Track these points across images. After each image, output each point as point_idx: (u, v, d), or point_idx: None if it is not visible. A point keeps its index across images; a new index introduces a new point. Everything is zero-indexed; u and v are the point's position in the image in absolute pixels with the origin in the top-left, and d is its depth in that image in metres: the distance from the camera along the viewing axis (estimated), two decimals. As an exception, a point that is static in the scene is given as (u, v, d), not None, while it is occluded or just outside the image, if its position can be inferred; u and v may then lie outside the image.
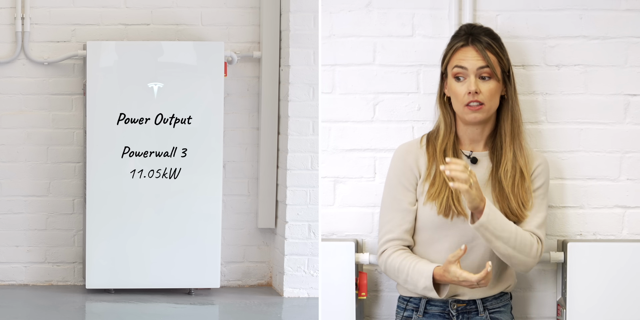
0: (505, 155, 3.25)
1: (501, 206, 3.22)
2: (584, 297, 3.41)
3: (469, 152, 3.30)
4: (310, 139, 5.24)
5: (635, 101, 3.51)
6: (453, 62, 3.23)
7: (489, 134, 3.29)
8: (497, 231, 3.12)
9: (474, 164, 3.28)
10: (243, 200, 5.53)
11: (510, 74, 3.26)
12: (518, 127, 3.28)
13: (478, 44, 3.21)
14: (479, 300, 3.27)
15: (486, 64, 3.20)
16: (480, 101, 3.20)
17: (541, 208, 3.28)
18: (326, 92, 3.55)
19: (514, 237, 3.15)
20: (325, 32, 3.54)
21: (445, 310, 3.27)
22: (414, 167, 3.29)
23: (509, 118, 3.27)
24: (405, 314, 3.32)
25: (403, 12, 3.53)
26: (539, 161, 3.30)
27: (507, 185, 3.23)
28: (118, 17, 5.42)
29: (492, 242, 3.14)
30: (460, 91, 3.21)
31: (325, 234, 3.55)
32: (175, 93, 5.18)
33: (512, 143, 3.26)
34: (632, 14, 3.50)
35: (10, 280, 5.52)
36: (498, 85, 3.22)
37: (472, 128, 3.27)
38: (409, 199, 3.28)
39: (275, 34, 5.38)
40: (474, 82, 3.19)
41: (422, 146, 3.31)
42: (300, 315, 4.93)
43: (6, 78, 5.42)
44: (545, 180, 3.30)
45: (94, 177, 5.18)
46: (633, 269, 3.40)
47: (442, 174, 3.23)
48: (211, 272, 5.24)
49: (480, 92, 3.19)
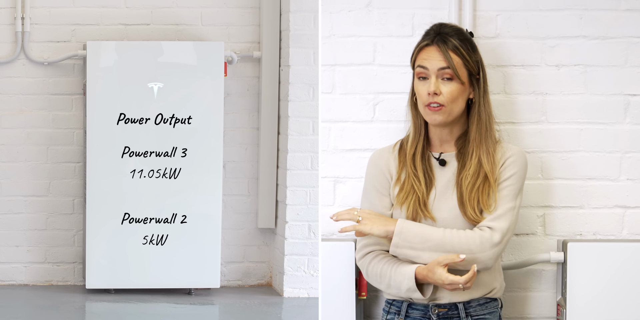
0: (471, 160, 3.20)
1: (461, 210, 3.19)
2: (584, 297, 3.41)
3: (438, 154, 3.27)
4: (310, 139, 5.24)
5: (635, 101, 3.51)
6: (417, 61, 3.20)
7: (459, 133, 3.25)
8: (418, 244, 3.10)
9: (443, 166, 3.25)
10: (243, 200, 5.53)
11: (480, 77, 3.20)
12: (486, 131, 3.21)
13: (442, 45, 3.15)
14: (461, 304, 3.22)
15: (447, 65, 3.14)
16: (440, 102, 3.15)
17: (507, 200, 3.18)
18: (326, 92, 3.55)
19: (442, 242, 3.11)
20: (325, 32, 3.54)
21: (427, 315, 3.23)
22: (386, 172, 3.28)
23: (474, 122, 3.21)
24: (388, 317, 3.29)
25: (403, 12, 3.53)
26: (510, 153, 3.22)
27: (465, 189, 3.18)
28: (118, 17, 5.42)
29: (419, 258, 3.12)
30: (422, 91, 3.17)
31: (325, 234, 3.55)
32: (175, 93, 5.18)
33: (478, 148, 3.20)
34: (632, 14, 3.50)
35: (10, 280, 5.52)
36: (461, 88, 3.17)
37: (439, 129, 3.24)
38: (384, 203, 3.26)
39: (275, 34, 5.39)
40: (434, 82, 3.15)
41: (395, 151, 3.29)
42: (300, 315, 4.93)
43: (6, 78, 5.42)
44: (516, 172, 3.21)
45: (94, 177, 5.18)
46: (633, 269, 3.40)
47: (409, 178, 3.21)
48: (211, 272, 5.24)
49: (440, 93, 3.14)
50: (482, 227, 3.15)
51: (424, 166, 3.23)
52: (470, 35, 3.24)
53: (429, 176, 3.23)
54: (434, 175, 3.23)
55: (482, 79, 3.20)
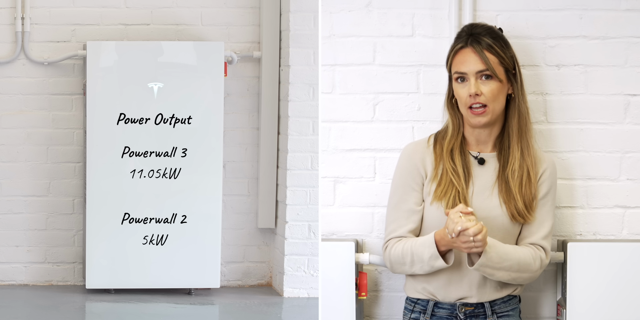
0: (513, 154, 3.23)
1: (508, 207, 3.21)
2: (584, 297, 3.41)
3: (477, 153, 3.28)
4: (310, 139, 5.24)
5: (635, 101, 3.51)
6: (454, 65, 3.22)
7: (496, 135, 3.27)
8: (498, 264, 3.13)
9: (481, 165, 3.26)
10: (243, 200, 5.53)
11: (516, 72, 3.24)
12: (525, 126, 3.25)
13: (476, 46, 3.18)
14: (487, 303, 3.25)
15: (485, 67, 3.17)
16: (483, 103, 3.18)
17: (548, 216, 3.26)
18: (326, 92, 3.55)
19: (516, 263, 3.17)
20: (325, 32, 3.54)
21: (453, 313, 3.25)
22: (420, 167, 3.28)
23: (515, 116, 3.24)
24: (412, 315, 3.30)
25: (403, 12, 3.53)
26: (545, 165, 3.27)
27: (514, 185, 3.21)
28: (118, 17, 5.42)
29: (494, 275, 3.16)
30: (463, 94, 3.19)
31: (325, 234, 3.55)
32: (175, 93, 5.18)
33: (519, 142, 3.24)
34: (632, 14, 3.50)
35: (10, 280, 5.52)
36: (501, 85, 3.20)
37: (479, 130, 3.25)
38: (415, 199, 3.27)
39: (275, 34, 5.38)
40: (474, 84, 3.17)
41: (430, 146, 3.29)
42: (300, 315, 4.93)
43: (6, 78, 5.42)
44: (551, 186, 3.28)
45: (94, 177, 5.18)
46: (633, 269, 3.40)
47: (447, 174, 3.22)
48: (211, 272, 5.24)
49: (481, 93, 3.17)
50: (537, 247, 3.23)
51: (462, 162, 3.24)
52: (500, 30, 3.27)
53: (468, 173, 3.24)
54: (472, 173, 3.24)
55: (518, 73, 3.24)
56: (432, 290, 3.26)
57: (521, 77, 3.25)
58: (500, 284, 3.25)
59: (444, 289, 3.24)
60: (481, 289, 3.23)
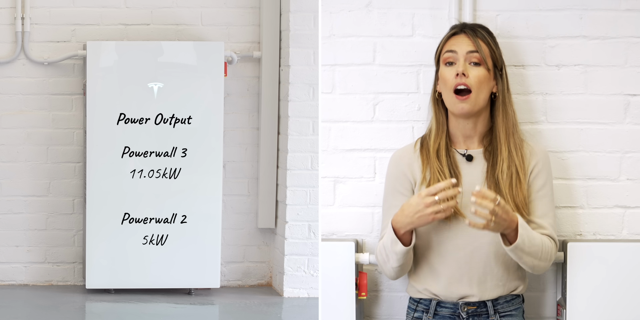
0: (501, 154, 3.22)
1: None
2: (584, 297, 3.41)
3: (464, 150, 3.28)
4: (310, 139, 5.24)
5: (635, 101, 3.51)
6: (445, 47, 3.24)
7: (482, 130, 3.27)
8: (528, 248, 3.14)
9: (470, 162, 3.26)
10: (243, 200, 5.53)
11: (503, 72, 3.24)
12: (513, 126, 3.25)
13: (470, 32, 3.23)
14: (490, 302, 3.25)
15: (476, 48, 3.19)
16: (468, 85, 3.18)
17: (550, 207, 3.27)
18: (326, 92, 3.55)
19: (541, 249, 3.17)
20: (325, 32, 3.54)
21: (456, 313, 3.26)
22: (408, 172, 3.28)
23: (501, 115, 3.24)
24: (415, 315, 3.31)
25: (403, 12, 3.53)
26: (536, 159, 3.27)
27: (504, 186, 3.20)
28: (118, 17, 5.42)
29: (521, 258, 3.16)
30: (450, 75, 3.20)
31: (325, 234, 3.55)
32: (175, 93, 5.18)
33: (506, 141, 3.23)
34: (632, 14, 3.50)
35: (10, 280, 5.52)
36: (487, 75, 3.20)
37: (463, 122, 3.25)
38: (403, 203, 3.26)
39: (275, 34, 5.38)
40: (462, 64, 3.19)
41: (416, 150, 3.30)
42: (300, 315, 4.93)
43: (6, 78, 5.42)
44: (547, 177, 3.28)
45: (94, 177, 5.18)
46: (633, 269, 3.40)
47: (435, 175, 3.22)
48: (211, 272, 5.24)
49: (467, 75, 3.17)
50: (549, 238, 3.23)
51: (448, 162, 3.24)
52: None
53: (455, 172, 3.23)
54: (460, 172, 3.24)
55: (505, 76, 3.24)
56: (433, 291, 3.26)
57: (507, 79, 3.26)
58: (500, 281, 3.24)
59: (445, 289, 3.24)
60: (482, 286, 3.23)
